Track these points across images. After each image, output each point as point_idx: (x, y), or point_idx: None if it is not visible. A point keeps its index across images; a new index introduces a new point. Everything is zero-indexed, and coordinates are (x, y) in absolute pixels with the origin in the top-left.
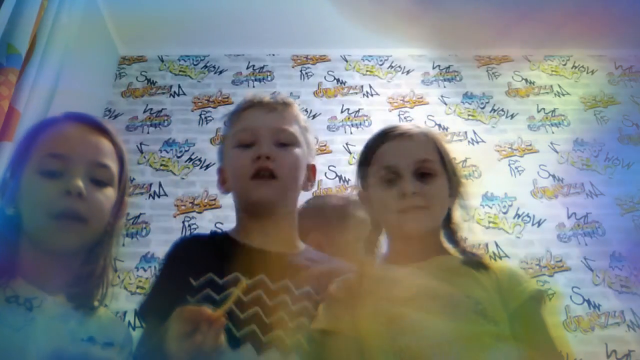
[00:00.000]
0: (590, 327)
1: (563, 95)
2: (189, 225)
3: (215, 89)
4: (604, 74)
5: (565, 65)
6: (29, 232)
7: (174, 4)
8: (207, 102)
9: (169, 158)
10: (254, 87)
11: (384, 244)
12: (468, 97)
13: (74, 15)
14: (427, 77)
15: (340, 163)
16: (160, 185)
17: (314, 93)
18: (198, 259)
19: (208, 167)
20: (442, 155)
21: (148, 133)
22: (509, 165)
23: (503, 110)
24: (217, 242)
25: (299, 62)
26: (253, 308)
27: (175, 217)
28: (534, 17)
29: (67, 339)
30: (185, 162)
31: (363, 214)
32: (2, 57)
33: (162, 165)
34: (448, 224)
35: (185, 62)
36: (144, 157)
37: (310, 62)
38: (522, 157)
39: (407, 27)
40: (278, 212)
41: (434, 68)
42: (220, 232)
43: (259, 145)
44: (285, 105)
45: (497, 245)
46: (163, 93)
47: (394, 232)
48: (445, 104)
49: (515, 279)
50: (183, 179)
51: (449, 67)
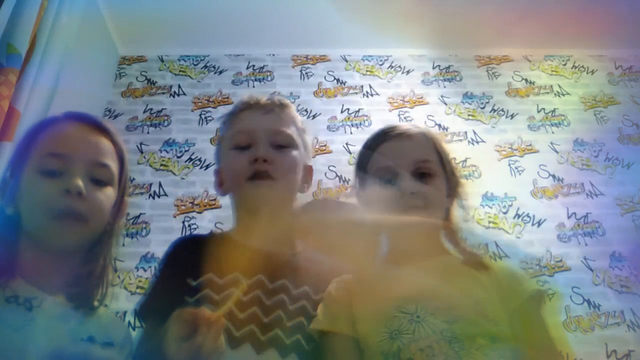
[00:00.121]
0: (590, 327)
1: (563, 95)
2: (189, 226)
3: (215, 89)
4: (604, 74)
5: (565, 65)
6: (29, 231)
7: (174, 4)
8: (207, 102)
9: (169, 158)
10: (254, 87)
11: (384, 244)
12: (468, 97)
13: (74, 15)
14: (427, 77)
15: (340, 163)
16: (160, 185)
17: (314, 93)
18: (197, 259)
19: (208, 167)
20: (441, 156)
21: (148, 133)
22: (509, 165)
23: (503, 110)
24: (215, 242)
25: (299, 62)
26: (251, 308)
27: (175, 217)
28: (534, 17)
29: (66, 339)
30: (185, 162)
31: (362, 214)
32: (2, 57)
33: (162, 165)
34: (448, 224)
35: (185, 62)
36: (144, 157)
37: (310, 62)
38: (522, 157)
39: (407, 27)
40: (276, 213)
41: (434, 68)
42: (219, 232)
43: (256, 148)
44: (282, 107)
45: (497, 245)
46: (163, 93)
47: (393, 232)
48: (445, 104)
49: (515, 279)
50: (183, 179)
51: (449, 67)
